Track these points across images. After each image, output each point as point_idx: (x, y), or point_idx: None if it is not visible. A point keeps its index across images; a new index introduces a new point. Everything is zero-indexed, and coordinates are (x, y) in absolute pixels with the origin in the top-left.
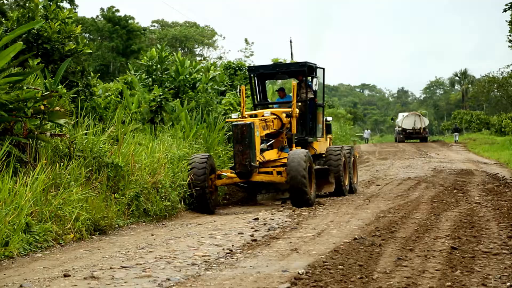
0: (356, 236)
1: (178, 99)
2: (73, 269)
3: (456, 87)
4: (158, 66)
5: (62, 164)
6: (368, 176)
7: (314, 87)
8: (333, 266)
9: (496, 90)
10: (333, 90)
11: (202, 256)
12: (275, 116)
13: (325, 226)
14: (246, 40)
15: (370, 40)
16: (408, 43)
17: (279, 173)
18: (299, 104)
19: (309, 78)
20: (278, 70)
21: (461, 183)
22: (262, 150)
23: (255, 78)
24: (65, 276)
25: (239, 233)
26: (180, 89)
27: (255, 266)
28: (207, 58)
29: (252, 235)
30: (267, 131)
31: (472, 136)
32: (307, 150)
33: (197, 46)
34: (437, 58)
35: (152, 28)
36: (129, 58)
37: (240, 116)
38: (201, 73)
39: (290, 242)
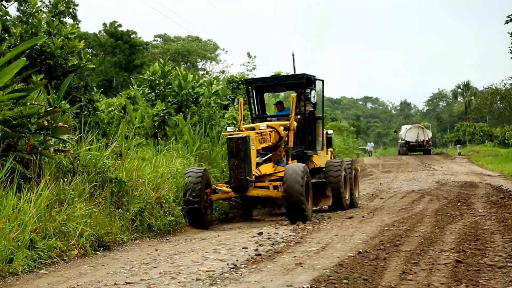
0: (361, 250)
1: (181, 113)
2: (78, 285)
3: (459, 99)
4: (161, 80)
5: (65, 179)
6: (371, 189)
7: (312, 99)
8: (337, 280)
9: (499, 102)
10: (336, 103)
11: (207, 271)
12: (272, 129)
13: (329, 240)
14: (248, 54)
15: (373, 52)
16: (411, 55)
17: (275, 187)
18: (298, 117)
19: (308, 90)
20: (276, 82)
21: (465, 195)
22: (258, 164)
23: (253, 90)
24: None
25: (243, 248)
26: (183, 104)
27: (260, 281)
28: (210, 72)
29: (256, 250)
30: (264, 145)
31: (476, 148)
32: (304, 164)
33: (199, 60)
34: (440, 70)
35: (155, 42)
36: (132, 73)
37: (237, 129)
38: (203, 87)
39: (295, 256)
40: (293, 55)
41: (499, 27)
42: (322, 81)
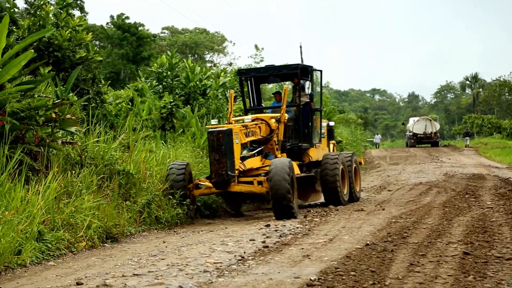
0: (368, 242)
1: (188, 105)
2: (86, 277)
3: (467, 91)
4: (169, 73)
5: (73, 172)
6: (379, 181)
7: (307, 90)
8: (345, 272)
9: (507, 94)
10: (344, 95)
11: (214, 263)
12: (261, 122)
13: (336, 232)
14: (256, 46)
15: (380, 44)
16: (419, 47)
17: (260, 183)
18: (294, 109)
19: (303, 81)
20: (270, 73)
21: (473, 187)
22: (244, 158)
23: (248, 81)
24: (77, 284)
25: (250, 240)
26: (191, 96)
27: (267, 273)
28: (217, 65)
29: (263, 242)
30: (252, 138)
31: (484, 140)
32: (289, 159)
33: (207, 52)
34: (448, 62)
35: (162, 35)
36: (140, 65)
37: (226, 122)
38: (211, 80)
39: (302, 248)
40: (300, 47)
41: (508, 19)
42: (321, 71)
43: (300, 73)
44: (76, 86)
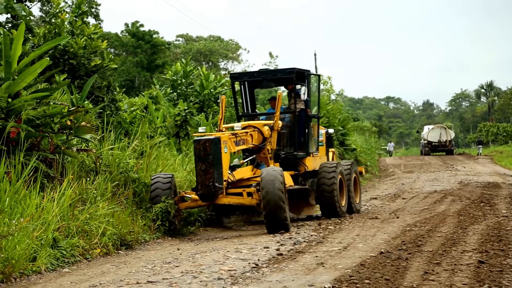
0: (383, 250)
1: (203, 113)
2: (100, 284)
3: (482, 99)
4: (183, 80)
5: (88, 179)
6: (393, 189)
7: (302, 96)
8: (359, 280)
9: None
10: (358, 103)
11: (228, 270)
12: (254, 129)
13: (351, 240)
14: (270, 54)
15: (395, 52)
16: (433, 55)
17: (249, 194)
18: (289, 116)
19: (299, 87)
20: (264, 77)
21: (488, 196)
22: (233, 168)
23: (241, 86)
24: None
25: (264, 247)
26: (205, 103)
27: (281, 281)
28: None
29: (278, 249)
30: (242, 146)
31: (499, 149)
32: (281, 168)
33: (221, 60)
34: (463, 70)
35: (177, 42)
36: (154, 73)
37: (217, 129)
38: (225, 87)
39: (316, 256)
40: (315, 54)
41: None
42: (319, 76)
43: (295, 77)
44: (91, 94)
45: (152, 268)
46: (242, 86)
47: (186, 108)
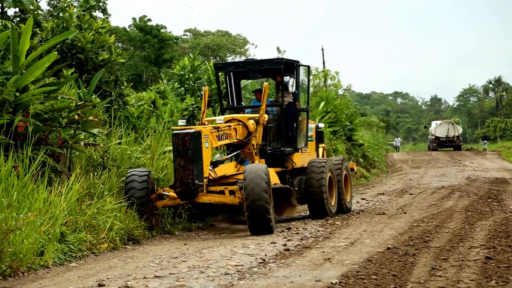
0: (390, 246)
1: (210, 108)
2: (107, 278)
3: (490, 95)
4: (191, 75)
5: (96, 173)
6: (401, 184)
7: (290, 89)
8: (366, 276)
9: None
10: (365, 98)
11: (235, 265)
12: (237, 123)
13: (358, 235)
14: (278, 49)
15: (403, 47)
16: (441, 50)
17: (232, 192)
18: (276, 109)
19: (287, 78)
20: (249, 68)
21: (495, 192)
22: (216, 164)
23: (226, 77)
24: (99, 285)
25: (271, 243)
26: (213, 98)
27: (288, 276)
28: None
29: (285, 245)
30: (225, 141)
31: (507, 144)
32: (265, 165)
33: (229, 54)
34: (471, 65)
35: (185, 37)
36: (162, 67)
37: (198, 123)
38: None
39: (323, 251)
40: (322, 49)
41: None
42: (308, 67)
43: (283, 68)
44: (98, 88)
45: (159, 263)
46: (227, 77)
47: (193, 103)
